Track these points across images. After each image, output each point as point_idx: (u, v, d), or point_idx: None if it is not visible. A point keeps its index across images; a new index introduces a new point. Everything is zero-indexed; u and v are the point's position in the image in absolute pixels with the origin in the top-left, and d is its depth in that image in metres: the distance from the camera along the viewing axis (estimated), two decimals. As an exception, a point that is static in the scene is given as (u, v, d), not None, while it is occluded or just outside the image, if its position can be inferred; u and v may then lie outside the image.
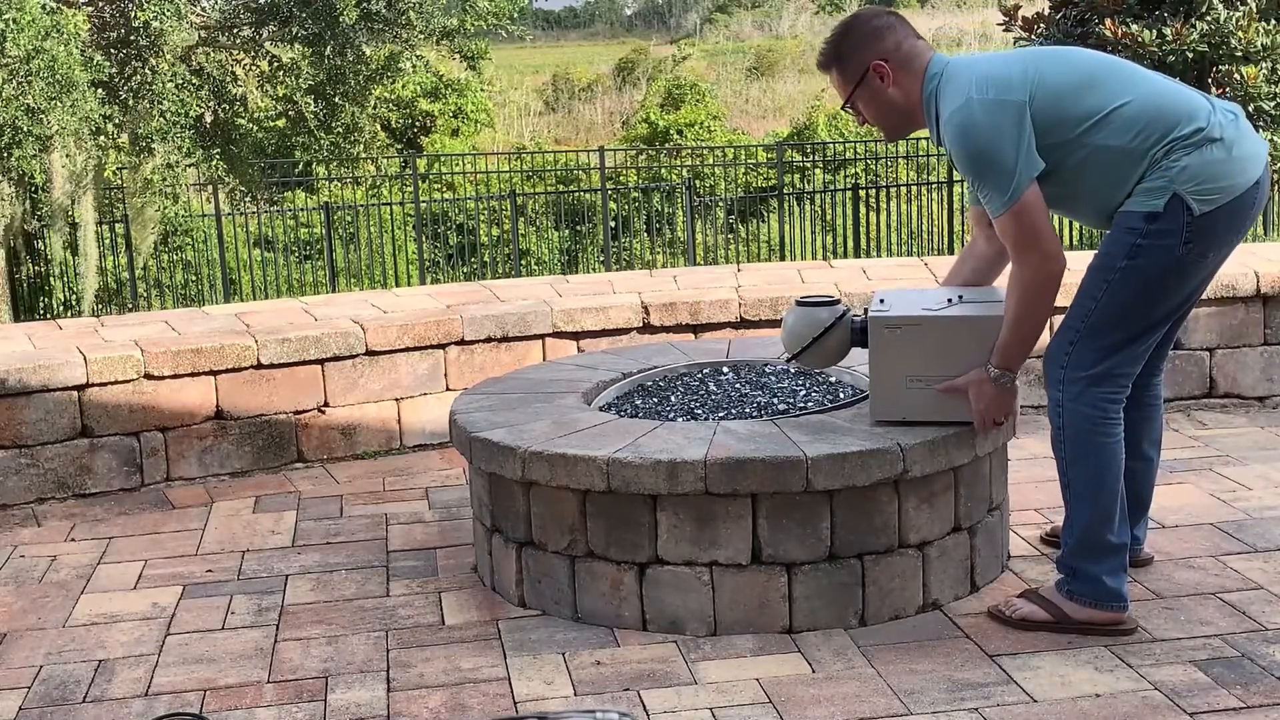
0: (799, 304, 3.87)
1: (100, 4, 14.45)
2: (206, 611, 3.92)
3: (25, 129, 11.71)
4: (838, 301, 3.85)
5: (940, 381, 3.59)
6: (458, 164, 20.43)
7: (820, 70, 3.61)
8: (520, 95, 34.74)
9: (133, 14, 13.35)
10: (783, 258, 14.91)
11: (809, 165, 19.60)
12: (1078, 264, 3.67)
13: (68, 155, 12.66)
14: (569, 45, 55.85)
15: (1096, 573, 3.49)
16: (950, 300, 3.71)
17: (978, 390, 3.53)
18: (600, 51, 46.12)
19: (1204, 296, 5.42)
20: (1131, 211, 3.36)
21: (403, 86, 22.64)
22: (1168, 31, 10.79)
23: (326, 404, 5.34)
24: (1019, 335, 3.42)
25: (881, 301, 3.75)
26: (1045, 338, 3.63)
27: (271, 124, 17.52)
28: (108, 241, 14.63)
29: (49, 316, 14.67)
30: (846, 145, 19.35)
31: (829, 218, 16.15)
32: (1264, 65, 10.96)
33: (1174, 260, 3.34)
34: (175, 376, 5.09)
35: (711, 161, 19.84)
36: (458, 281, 13.87)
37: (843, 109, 3.62)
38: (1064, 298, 3.49)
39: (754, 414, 3.93)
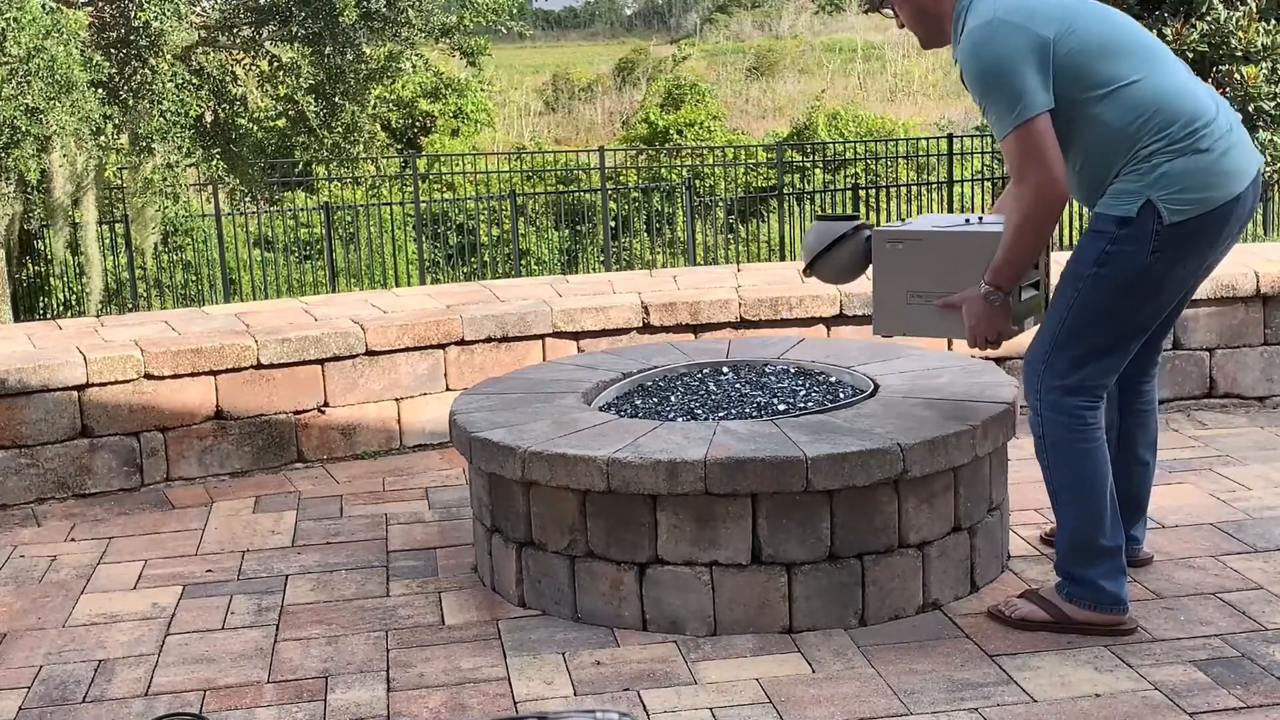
0: (818, 219, 3.97)
1: (100, 4, 14.45)
2: (206, 611, 3.92)
3: (25, 129, 11.70)
4: (857, 218, 3.90)
5: (939, 298, 3.61)
6: (458, 164, 20.43)
7: None
8: (520, 95, 34.76)
9: (133, 14, 13.34)
10: (783, 258, 14.91)
11: (809, 165, 19.60)
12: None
13: (67, 155, 12.65)
14: (569, 45, 55.85)
15: (1092, 576, 3.48)
16: (966, 223, 3.75)
17: (970, 307, 3.51)
18: (600, 51, 46.12)
19: (1204, 296, 5.46)
20: (1104, 214, 3.34)
21: (402, 86, 22.64)
22: (1168, 31, 10.80)
23: (326, 404, 5.34)
24: (1012, 255, 3.38)
25: (903, 220, 3.73)
26: (1026, 339, 3.61)
27: (271, 124, 17.51)
28: (107, 241, 14.63)
29: (49, 316, 14.68)
30: (846, 145, 19.36)
31: (829, 218, 16.13)
32: (1264, 65, 10.97)
33: (1141, 269, 3.30)
34: (175, 376, 5.09)
35: (711, 161, 19.84)
36: (458, 281, 13.88)
37: (879, 10, 3.78)
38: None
39: (754, 414, 3.93)
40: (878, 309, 3.77)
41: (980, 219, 3.77)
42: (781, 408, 3.97)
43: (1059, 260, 3.83)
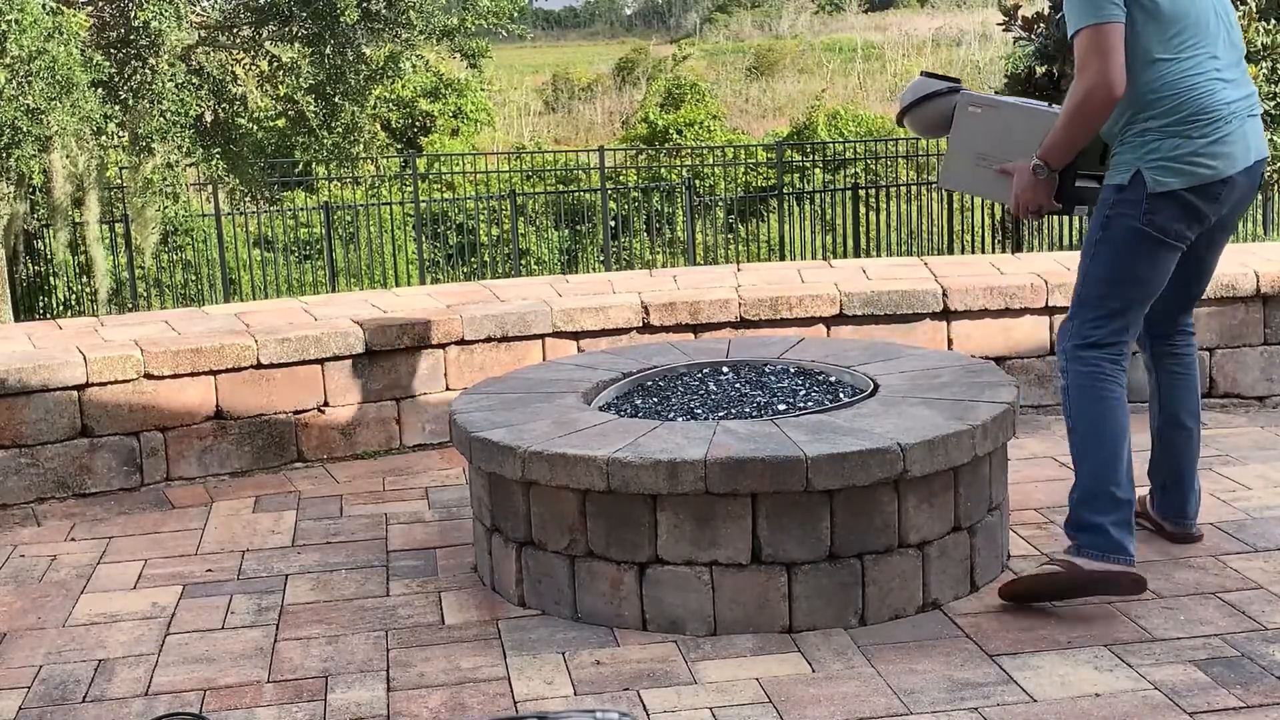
0: (923, 74, 4.26)
1: (100, 4, 14.45)
2: (206, 611, 3.92)
3: (25, 129, 11.71)
4: (958, 81, 4.16)
5: (999, 164, 3.89)
6: (458, 164, 20.44)
7: None
8: (520, 95, 34.75)
9: (133, 14, 13.34)
10: (782, 257, 14.91)
11: (809, 165, 19.60)
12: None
13: (68, 155, 12.66)
14: (569, 45, 55.84)
15: (1103, 523, 3.60)
16: (1049, 106, 3.99)
17: (1020, 176, 3.77)
18: (600, 51, 46.12)
19: (1204, 296, 5.46)
20: (1107, 184, 3.68)
21: (402, 86, 22.64)
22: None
23: (326, 404, 5.34)
24: (1063, 136, 3.63)
25: (995, 94, 4.00)
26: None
27: (271, 124, 17.52)
28: (108, 241, 14.63)
29: (49, 316, 14.68)
30: (846, 145, 19.36)
31: (829, 218, 16.16)
32: (1264, 65, 10.96)
33: (1137, 231, 3.61)
34: (175, 376, 5.09)
35: (711, 161, 19.84)
36: (458, 281, 13.87)
37: None
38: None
39: (754, 414, 3.93)
40: (947, 163, 4.16)
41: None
42: (781, 408, 3.97)
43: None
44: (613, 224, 16.95)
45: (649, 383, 4.33)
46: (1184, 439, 3.98)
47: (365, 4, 13.82)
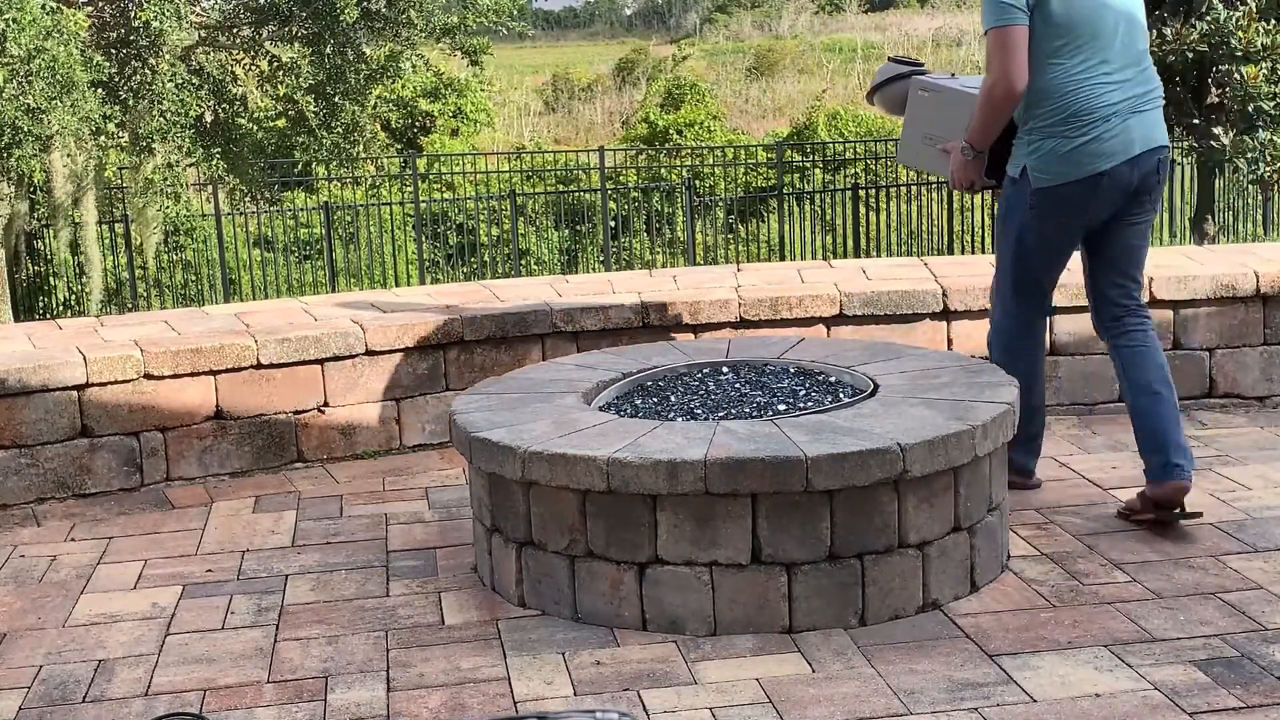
0: (890, 59, 4.75)
1: (100, 4, 14.44)
2: (206, 611, 3.92)
3: (25, 129, 11.70)
4: (920, 64, 4.66)
5: (944, 143, 4.36)
6: (458, 164, 20.43)
7: None
8: (520, 95, 34.73)
9: (133, 14, 13.33)
10: (783, 258, 14.92)
11: (809, 165, 19.59)
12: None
13: (68, 155, 12.65)
14: (569, 45, 55.83)
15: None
16: None
17: (954, 155, 4.30)
18: (600, 51, 46.10)
19: (1204, 296, 5.47)
20: (1008, 174, 4.21)
21: (402, 86, 22.63)
22: (1168, 31, 10.79)
23: (326, 404, 5.34)
24: (979, 123, 4.15)
25: (953, 75, 4.66)
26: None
27: (271, 124, 17.51)
28: (108, 241, 14.63)
29: (49, 316, 14.68)
30: (846, 145, 19.35)
31: (829, 218, 16.16)
32: (1264, 65, 10.95)
33: (1028, 218, 4.15)
34: (175, 376, 5.09)
35: (711, 161, 19.84)
36: (458, 281, 13.88)
37: None
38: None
39: (754, 414, 3.93)
40: (902, 142, 4.63)
41: None
42: (781, 408, 3.97)
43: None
44: (613, 224, 16.95)
45: (649, 383, 4.33)
46: (1153, 403, 4.18)
47: (365, 3, 13.80)
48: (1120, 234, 4.21)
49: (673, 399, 4.14)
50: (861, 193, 14.74)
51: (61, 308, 15.21)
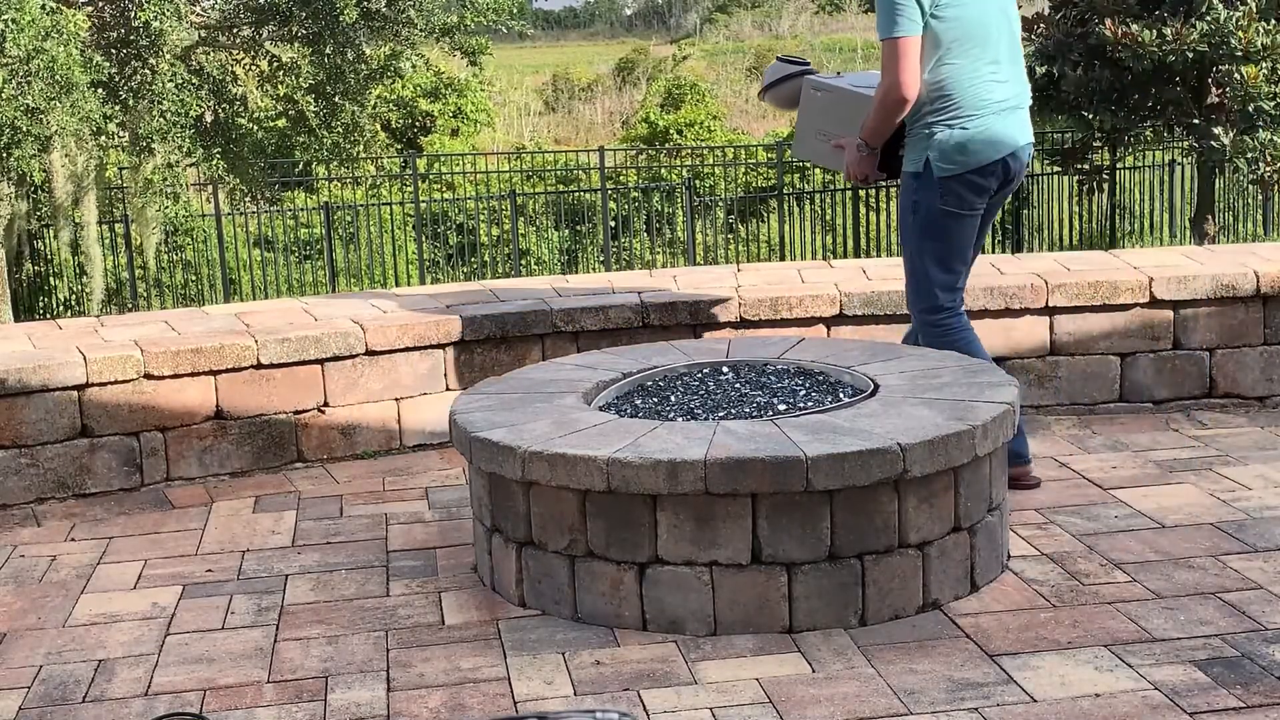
0: (778, 58, 5.01)
1: (100, 4, 14.44)
2: (206, 611, 3.92)
3: (25, 129, 11.70)
4: (808, 63, 4.93)
5: (836, 139, 4.67)
6: (458, 164, 20.43)
7: None
8: (520, 95, 34.74)
9: (133, 14, 13.33)
10: (783, 258, 14.92)
11: (809, 165, 19.58)
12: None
13: (68, 155, 12.65)
14: (569, 45, 55.84)
15: None
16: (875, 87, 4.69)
17: (848, 151, 4.59)
18: (600, 51, 46.11)
19: (1204, 296, 5.48)
20: (905, 172, 4.49)
21: (402, 86, 22.63)
22: (1168, 31, 10.79)
23: (326, 404, 5.34)
24: (873, 124, 4.46)
25: (839, 74, 4.92)
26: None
27: (271, 124, 17.51)
28: (108, 241, 14.63)
29: (49, 316, 14.68)
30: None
31: (829, 218, 16.16)
32: (1264, 65, 10.96)
33: (939, 209, 4.42)
34: (175, 376, 5.09)
35: (711, 161, 19.84)
36: (458, 281, 13.88)
37: None
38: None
39: (754, 414, 3.93)
40: (797, 137, 4.92)
41: None
42: (781, 408, 3.97)
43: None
44: (613, 224, 16.96)
45: (649, 383, 4.33)
46: None
47: (365, 3, 13.79)
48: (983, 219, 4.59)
49: (673, 399, 4.14)
50: (862, 193, 14.73)
51: (62, 308, 15.21)
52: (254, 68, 15.00)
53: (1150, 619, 3.56)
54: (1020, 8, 12.34)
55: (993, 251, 14.56)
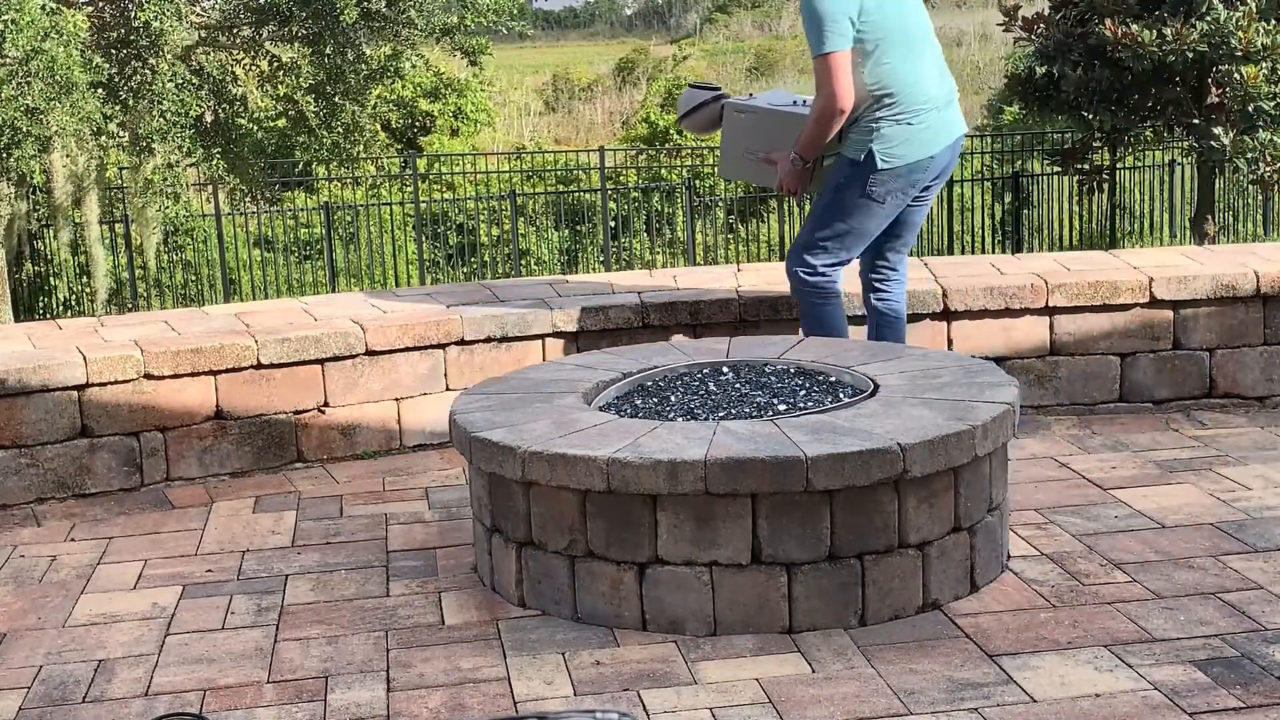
0: (690, 85, 5.31)
1: (100, 4, 14.44)
2: (206, 611, 3.92)
3: (25, 129, 11.70)
4: (720, 89, 5.28)
5: (763, 155, 4.96)
6: (458, 164, 20.44)
7: None
8: (520, 95, 34.74)
9: (133, 14, 13.33)
10: (782, 258, 14.89)
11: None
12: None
13: (68, 156, 12.65)
14: (569, 45, 55.84)
15: None
16: (795, 103, 5.06)
17: (781, 165, 4.89)
18: (600, 51, 46.12)
19: (1204, 296, 5.48)
20: (843, 155, 4.77)
21: (402, 86, 22.63)
22: (1168, 31, 10.79)
23: (326, 404, 5.34)
24: (810, 138, 4.76)
25: (750, 95, 5.21)
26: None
27: (271, 124, 17.51)
28: (108, 241, 14.63)
29: (49, 316, 14.68)
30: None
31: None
32: (1264, 65, 10.96)
33: (864, 197, 4.73)
34: (175, 376, 5.09)
35: (711, 161, 19.83)
36: (458, 281, 13.88)
37: None
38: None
39: (754, 414, 3.93)
40: (723, 159, 5.22)
41: (806, 102, 4.95)
42: (781, 408, 3.97)
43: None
44: (613, 224, 16.96)
45: (649, 383, 4.33)
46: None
47: (365, 3, 13.79)
48: (910, 210, 4.91)
49: (673, 399, 4.14)
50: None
51: (62, 308, 15.22)
52: (254, 68, 15.00)
53: (1150, 619, 3.57)
54: (1020, 7, 12.36)
55: (993, 251, 14.57)
